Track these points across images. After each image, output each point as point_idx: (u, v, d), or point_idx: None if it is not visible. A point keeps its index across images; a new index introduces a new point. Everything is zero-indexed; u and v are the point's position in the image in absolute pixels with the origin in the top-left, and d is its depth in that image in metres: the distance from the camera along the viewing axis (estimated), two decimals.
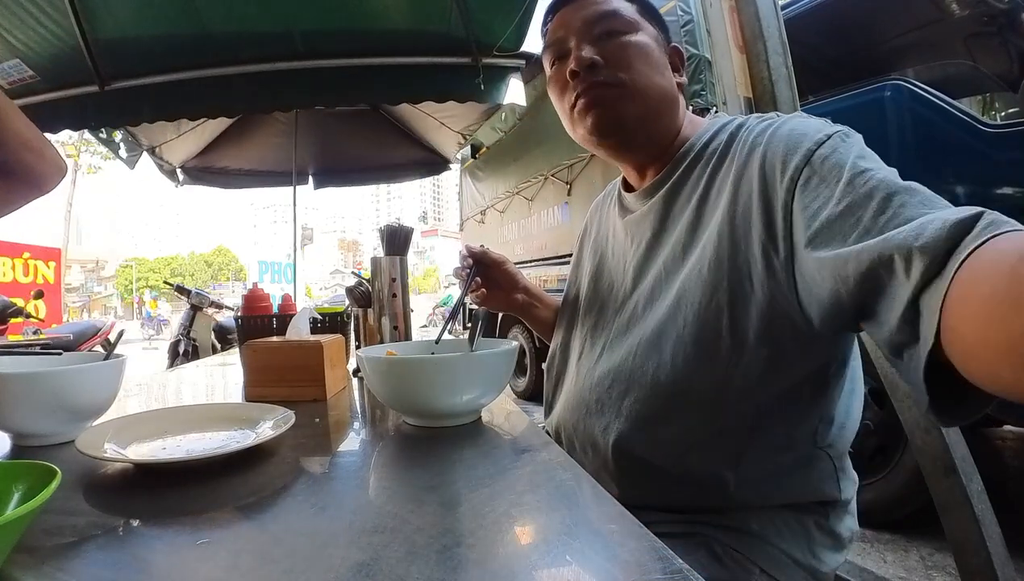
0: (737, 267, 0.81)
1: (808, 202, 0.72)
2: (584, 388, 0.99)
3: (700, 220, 0.90)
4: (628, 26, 0.95)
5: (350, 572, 0.43)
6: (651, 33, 0.97)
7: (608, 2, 0.97)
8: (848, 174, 0.70)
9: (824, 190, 0.71)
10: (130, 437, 0.80)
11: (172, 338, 5.52)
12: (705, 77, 2.96)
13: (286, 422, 0.80)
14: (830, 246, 0.68)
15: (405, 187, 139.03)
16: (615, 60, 0.94)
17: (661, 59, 0.97)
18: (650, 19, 0.99)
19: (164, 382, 1.56)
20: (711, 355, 0.82)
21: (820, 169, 0.74)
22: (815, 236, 0.70)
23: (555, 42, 1.00)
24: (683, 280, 0.88)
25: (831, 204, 0.69)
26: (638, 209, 1.04)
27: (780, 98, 1.76)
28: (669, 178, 0.98)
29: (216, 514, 0.57)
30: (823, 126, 0.80)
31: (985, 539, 1.48)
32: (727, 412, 0.83)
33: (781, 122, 0.85)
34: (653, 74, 0.95)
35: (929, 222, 0.56)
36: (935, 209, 0.60)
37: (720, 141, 0.93)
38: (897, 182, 0.66)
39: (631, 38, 0.95)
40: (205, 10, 2.92)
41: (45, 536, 0.52)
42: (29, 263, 9.89)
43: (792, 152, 0.77)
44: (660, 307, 0.90)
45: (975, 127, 2.50)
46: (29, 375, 0.79)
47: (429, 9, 3.04)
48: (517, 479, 0.66)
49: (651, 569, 0.42)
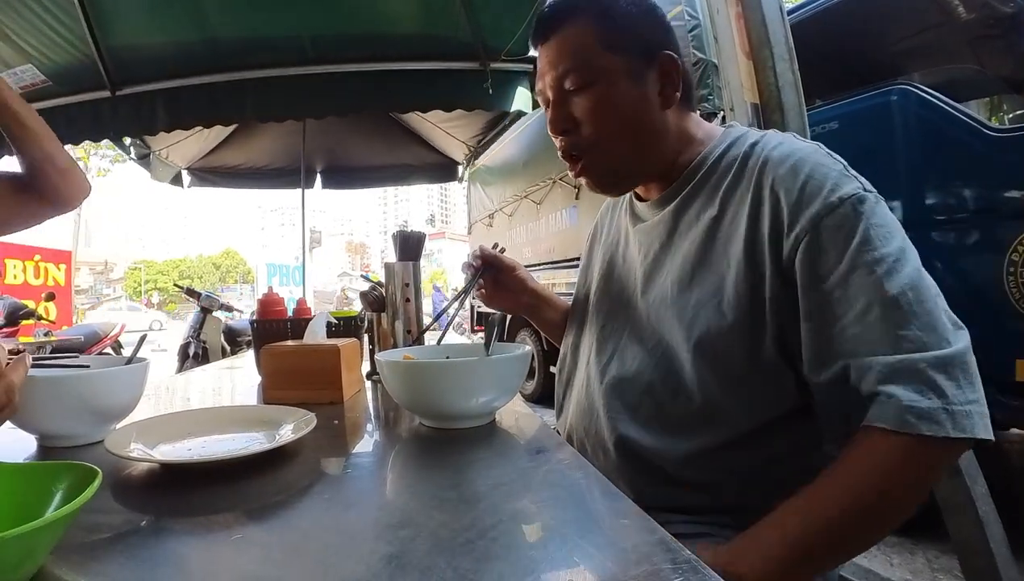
0: (759, 300, 0.84)
1: (807, 268, 0.80)
2: (594, 393, 1.01)
3: (712, 244, 0.91)
4: (591, 77, 0.93)
5: (380, 563, 0.46)
6: (620, 67, 0.93)
7: (568, 52, 0.94)
8: (848, 262, 0.77)
9: (823, 263, 0.79)
10: (156, 438, 0.82)
11: (182, 340, 5.55)
12: (712, 81, 2.97)
13: (308, 424, 0.82)
14: (813, 322, 0.80)
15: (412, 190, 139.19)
16: (584, 121, 0.95)
17: (635, 95, 0.94)
18: (620, 44, 0.93)
19: (179, 385, 1.59)
20: (724, 375, 0.86)
21: (825, 240, 0.79)
22: (805, 306, 0.80)
23: (539, 92, 1.02)
24: (697, 300, 0.90)
25: (828, 282, 0.78)
26: (649, 219, 1.05)
27: (787, 104, 1.78)
28: (680, 192, 0.99)
29: (245, 512, 0.60)
30: (839, 182, 0.81)
31: (989, 541, 1.49)
32: (737, 425, 0.85)
33: (798, 159, 0.85)
34: (625, 121, 0.94)
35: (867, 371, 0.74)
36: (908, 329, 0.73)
37: (734, 157, 0.94)
38: (888, 289, 0.74)
39: (595, 91, 0.93)
40: (215, 16, 2.95)
41: (83, 533, 0.54)
42: (40, 265, 9.96)
43: (804, 206, 0.81)
44: (672, 322, 0.92)
45: (981, 131, 2.51)
46: (57, 378, 0.82)
47: (437, 14, 3.06)
48: (533, 478, 0.68)
49: (661, 560, 0.45)
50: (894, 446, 0.70)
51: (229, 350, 5.79)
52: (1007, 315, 2.35)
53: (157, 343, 11.42)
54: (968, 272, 2.53)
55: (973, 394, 0.71)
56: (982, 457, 1.58)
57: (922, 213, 2.67)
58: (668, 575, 0.43)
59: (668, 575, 0.43)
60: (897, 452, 0.71)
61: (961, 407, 0.69)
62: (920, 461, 0.71)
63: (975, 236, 2.53)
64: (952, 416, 0.69)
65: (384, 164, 5.87)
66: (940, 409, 0.69)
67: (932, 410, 0.69)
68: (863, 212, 0.78)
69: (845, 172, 0.83)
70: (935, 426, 0.68)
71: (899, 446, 0.70)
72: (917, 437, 0.69)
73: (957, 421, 0.69)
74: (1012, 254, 2.32)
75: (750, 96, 1.85)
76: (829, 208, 0.79)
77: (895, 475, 0.71)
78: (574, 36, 0.94)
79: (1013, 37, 3.18)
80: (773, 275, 0.83)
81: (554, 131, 0.99)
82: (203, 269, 75.79)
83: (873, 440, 0.73)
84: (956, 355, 0.72)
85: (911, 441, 0.69)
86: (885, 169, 2.74)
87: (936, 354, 0.71)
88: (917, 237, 2.63)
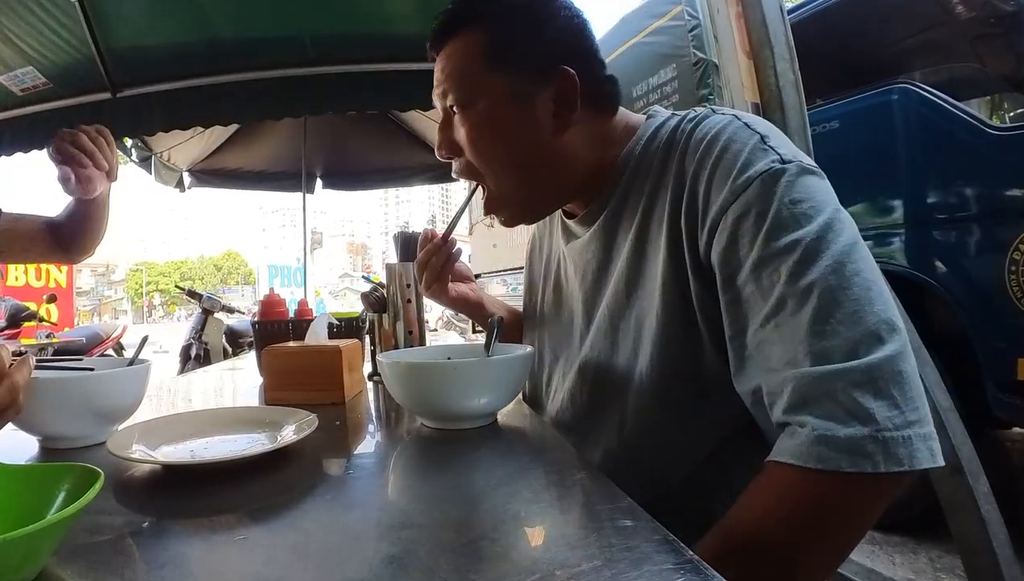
0: (686, 314, 0.77)
1: (719, 264, 0.72)
2: (560, 425, 0.98)
3: (643, 253, 0.84)
4: (470, 96, 0.85)
5: (383, 564, 0.46)
6: (503, 88, 0.84)
7: (452, 67, 0.87)
8: (757, 252, 0.67)
9: (734, 256, 0.70)
10: (158, 439, 0.82)
11: (184, 342, 5.55)
12: (712, 82, 2.97)
13: (310, 425, 0.82)
14: (728, 328, 0.71)
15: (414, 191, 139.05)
16: (465, 146, 0.88)
17: (519, 120, 0.85)
18: (507, 60, 0.84)
19: (180, 386, 1.60)
20: (674, 405, 0.79)
21: (735, 229, 0.69)
22: (723, 309, 0.72)
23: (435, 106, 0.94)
24: (635, 326, 0.84)
25: (739, 278, 0.69)
26: (581, 236, 0.97)
27: (787, 103, 1.78)
28: (607, 203, 0.90)
29: (248, 513, 0.60)
30: (751, 158, 0.71)
31: (992, 540, 1.49)
32: (704, 451, 0.81)
33: (712, 136, 0.76)
34: (507, 149, 0.86)
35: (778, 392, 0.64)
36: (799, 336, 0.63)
37: (656, 149, 0.85)
38: (802, 279, 0.63)
39: (474, 112, 0.85)
40: (216, 18, 2.96)
41: (85, 535, 0.54)
42: (41, 267, 9.97)
43: (715, 192, 0.72)
44: (615, 353, 0.87)
45: (982, 130, 2.51)
46: (60, 380, 0.82)
47: (437, 13, 3.06)
48: (534, 478, 0.68)
49: (664, 561, 0.45)
50: (804, 484, 0.59)
51: (231, 351, 5.79)
52: (1008, 314, 2.34)
53: (159, 345, 11.43)
54: (969, 271, 2.53)
55: (913, 413, 0.58)
56: (984, 456, 1.58)
57: (923, 212, 2.66)
58: (670, 575, 0.43)
59: (670, 575, 0.43)
60: (806, 492, 0.59)
61: (896, 432, 0.56)
62: (844, 502, 0.59)
63: (976, 235, 2.53)
64: (884, 445, 0.56)
65: (385, 165, 5.87)
66: (867, 438, 0.56)
67: (855, 439, 0.56)
68: (775, 190, 0.67)
69: (761, 145, 0.72)
70: (861, 460, 0.56)
71: (810, 485, 0.59)
72: (834, 474, 0.57)
73: (891, 451, 0.56)
74: (1013, 253, 2.32)
75: (750, 96, 1.85)
76: (736, 191, 0.69)
77: (806, 520, 0.60)
78: (459, 50, 0.87)
79: (1014, 35, 3.18)
80: (694, 275, 0.75)
81: (439, 155, 0.93)
82: (204, 270, 75.91)
83: (784, 475, 0.61)
84: (885, 362, 0.59)
85: (824, 479, 0.57)
86: (886, 168, 2.75)
87: (861, 363, 0.59)
88: (918, 236, 2.64)
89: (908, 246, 2.68)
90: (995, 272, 2.37)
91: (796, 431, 0.60)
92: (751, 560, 0.61)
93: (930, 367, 1.60)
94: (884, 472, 0.56)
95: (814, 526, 0.60)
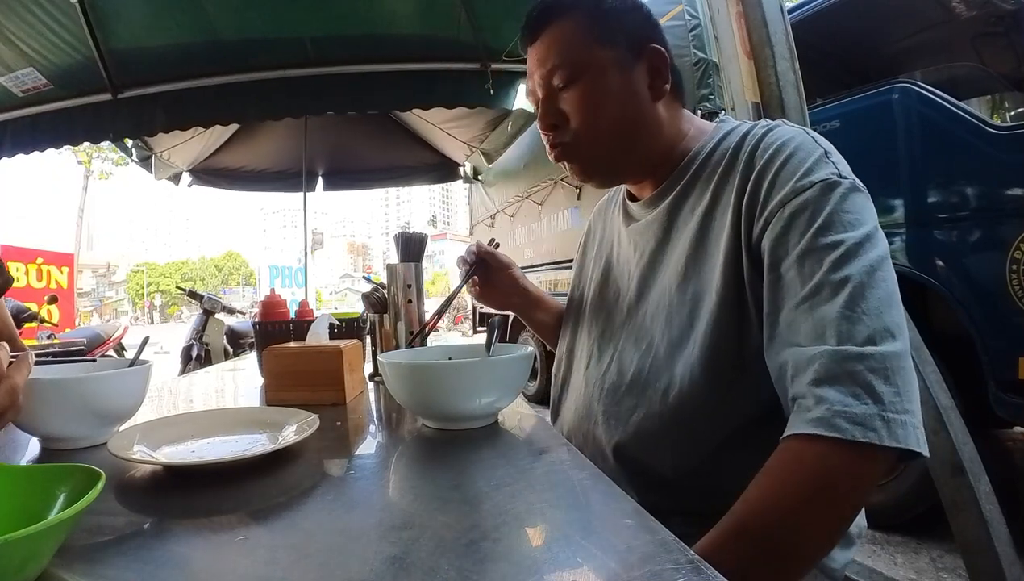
0: (739, 292, 0.83)
1: (769, 251, 0.79)
2: (593, 398, 1.00)
3: (706, 236, 0.90)
4: (579, 71, 0.94)
5: (384, 564, 0.46)
6: (608, 59, 0.94)
7: (558, 47, 0.95)
8: (805, 244, 0.75)
9: (783, 245, 0.78)
10: (159, 440, 0.82)
11: (185, 342, 5.55)
12: (713, 81, 2.97)
13: (311, 426, 0.82)
14: (767, 306, 0.79)
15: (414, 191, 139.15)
16: (572, 115, 0.96)
17: (624, 86, 0.94)
18: (608, 36, 0.95)
19: (181, 387, 1.60)
20: (718, 376, 0.84)
21: (789, 223, 0.78)
22: (765, 289, 0.80)
23: (530, 92, 1.03)
24: (692, 299, 0.89)
25: (784, 263, 0.77)
26: (643, 218, 1.04)
27: (788, 103, 1.78)
28: (673, 188, 0.98)
29: (249, 513, 0.60)
30: (814, 166, 0.80)
31: (993, 539, 1.49)
32: (733, 427, 0.84)
33: (781, 143, 0.85)
34: (613, 113, 0.94)
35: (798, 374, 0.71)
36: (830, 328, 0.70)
37: (725, 150, 0.93)
38: (839, 271, 0.72)
39: (584, 84, 0.94)
40: (217, 19, 2.97)
41: (86, 536, 0.54)
42: (42, 268, 9.95)
43: (776, 189, 0.81)
44: (670, 324, 0.91)
45: (982, 129, 2.50)
46: (60, 381, 0.82)
47: (438, 15, 3.07)
48: (536, 478, 0.68)
49: (665, 560, 0.45)
50: (824, 452, 0.66)
51: (232, 352, 5.79)
52: (1009, 313, 2.34)
53: (160, 345, 11.44)
54: (970, 270, 2.53)
55: (910, 404, 0.67)
56: (985, 455, 1.58)
57: (924, 211, 2.66)
58: (671, 575, 0.43)
59: (671, 575, 0.43)
60: (831, 459, 0.66)
61: (897, 415, 0.65)
62: (852, 470, 0.66)
63: (977, 234, 2.53)
64: (888, 423, 0.65)
65: (385, 165, 5.89)
66: (876, 415, 0.65)
67: (867, 415, 0.65)
68: (831, 197, 0.77)
69: (825, 158, 0.81)
70: (871, 433, 0.64)
71: (825, 454, 0.66)
72: (846, 444, 0.64)
73: (892, 430, 0.64)
74: (1014, 252, 2.31)
75: (751, 95, 1.85)
76: (797, 191, 0.78)
77: (820, 487, 0.66)
78: (561, 33, 0.95)
79: (1014, 34, 3.18)
80: (748, 259, 0.82)
81: (543, 126, 1.00)
82: (205, 271, 75.98)
83: (801, 446, 0.68)
84: (894, 357, 0.68)
85: (838, 448, 0.65)
86: (887, 167, 2.75)
87: (877, 351, 0.67)
88: (919, 236, 2.64)
89: (909, 245, 2.67)
90: (996, 271, 2.37)
91: (812, 406, 0.68)
92: (767, 535, 0.66)
93: (931, 366, 1.60)
94: (887, 446, 0.64)
95: (827, 491, 0.66)
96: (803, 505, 0.66)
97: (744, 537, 0.66)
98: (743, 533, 0.66)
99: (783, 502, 0.67)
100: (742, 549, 0.65)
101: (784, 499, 0.67)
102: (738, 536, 0.66)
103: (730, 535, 0.67)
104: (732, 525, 0.67)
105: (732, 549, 0.65)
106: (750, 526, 0.67)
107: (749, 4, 1.84)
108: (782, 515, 0.67)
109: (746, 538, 0.66)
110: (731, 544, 0.65)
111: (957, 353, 2.48)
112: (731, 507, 0.69)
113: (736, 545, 0.65)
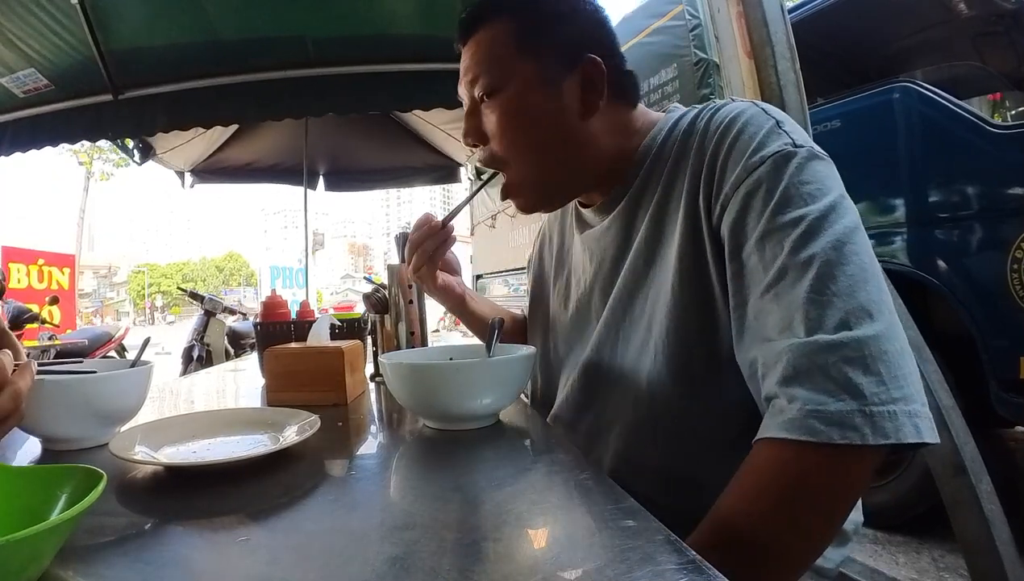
0: (703, 287, 0.78)
1: (729, 237, 0.74)
2: (570, 418, 0.98)
3: (661, 228, 0.85)
4: (499, 83, 0.87)
5: (385, 565, 0.46)
6: (530, 73, 0.87)
7: (480, 56, 0.89)
8: (763, 226, 0.70)
9: (742, 230, 0.73)
10: (160, 441, 0.82)
11: (186, 343, 5.56)
12: (713, 81, 2.97)
13: (312, 426, 0.82)
14: (732, 298, 0.74)
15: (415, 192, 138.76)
16: (493, 132, 0.90)
17: (545, 104, 0.87)
18: (532, 49, 0.87)
19: (182, 388, 1.60)
20: (688, 383, 0.80)
21: (745, 205, 0.73)
22: (728, 280, 0.75)
23: (460, 98, 0.96)
24: (650, 303, 0.85)
25: (744, 250, 0.72)
26: (596, 224, 0.99)
27: (789, 103, 1.77)
28: (627, 190, 0.92)
29: (250, 514, 0.60)
30: (765, 139, 0.75)
31: (995, 539, 1.49)
32: (713, 431, 0.80)
33: (730, 119, 0.79)
34: (536, 132, 0.88)
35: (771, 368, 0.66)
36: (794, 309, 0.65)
37: (675, 138, 0.88)
38: (804, 251, 0.66)
39: (503, 98, 0.88)
40: (217, 19, 2.97)
41: (88, 536, 0.53)
42: (44, 269, 9.96)
43: (729, 170, 0.76)
44: (632, 334, 0.88)
45: (983, 128, 2.50)
46: (62, 381, 0.82)
47: (439, 15, 3.07)
48: (537, 478, 0.68)
49: (666, 561, 0.45)
50: (795, 458, 0.61)
51: (233, 352, 5.80)
52: (1010, 312, 2.34)
53: (161, 346, 11.44)
54: (971, 269, 2.52)
55: (898, 391, 0.60)
56: (987, 455, 1.58)
57: (925, 211, 2.66)
58: (673, 575, 0.43)
59: (673, 575, 0.43)
60: (798, 465, 0.61)
61: (882, 407, 0.59)
62: (834, 472, 0.61)
63: (978, 233, 2.52)
64: (871, 419, 0.58)
65: (386, 166, 5.89)
66: (855, 412, 0.59)
67: (845, 413, 0.59)
68: (786, 170, 0.71)
69: (777, 129, 0.75)
70: (851, 432, 0.58)
71: (801, 458, 0.61)
72: (823, 446, 0.59)
73: (877, 424, 0.58)
74: (1016, 251, 2.31)
75: (751, 95, 1.85)
76: (749, 169, 0.73)
77: (797, 493, 0.61)
78: (489, 38, 0.89)
79: (1015, 34, 3.18)
80: (712, 251, 0.77)
81: (465, 143, 0.95)
82: (206, 272, 76.00)
83: (774, 450, 0.63)
84: (873, 340, 0.61)
85: (814, 451, 0.60)
86: (887, 167, 2.74)
87: (852, 336, 0.61)
88: (920, 235, 2.63)
89: (910, 245, 2.67)
90: (997, 270, 2.37)
91: (784, 406, 0.62)
92: (745, 544, 0.62)
93: (932, 366, 1.60)
94: (872, 444, 0.58)
95: (805, 498, 0.62)
96: (782, 508, 0.62)
97: (723, 544, 0.61)
98: (723, 542, 0.62)
99: (766, 509, 0.62)
100: (722, 554, 0.58)
101: (767, 506, 0.62)
102: (716, 541, 0.62)
103: (707, 540, 0.63)
104: (712, 531, 0.64)
105: (710, 554, 0.60)
106: (727, 532, 0.63)
107: (749, 4, 1.83)
108: (765, 521, 0.62)
109: (725, 544, 0.61)
110: (708, 550, 0.60)
111: (958, 352, 2.47)
112: (709, 512, 0.66)
113: (715, 551, 0.60)
